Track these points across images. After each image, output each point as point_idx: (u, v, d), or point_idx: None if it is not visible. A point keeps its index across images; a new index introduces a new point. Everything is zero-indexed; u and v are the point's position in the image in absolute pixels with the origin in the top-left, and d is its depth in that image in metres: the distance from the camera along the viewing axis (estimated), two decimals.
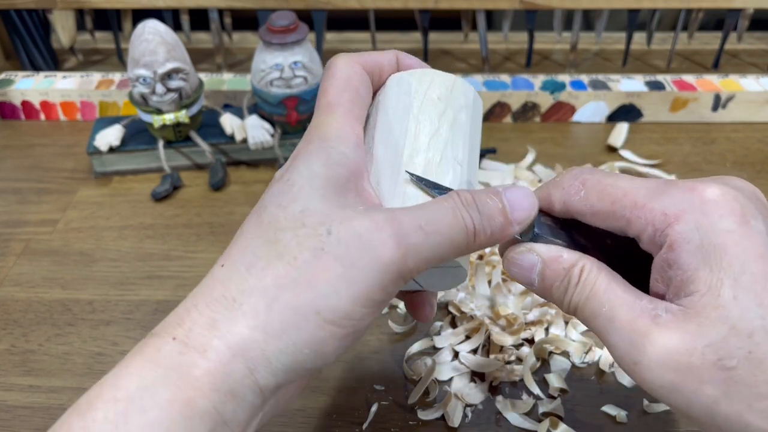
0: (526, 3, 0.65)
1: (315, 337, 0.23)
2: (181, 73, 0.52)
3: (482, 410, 0.37)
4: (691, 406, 0.23)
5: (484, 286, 0.43)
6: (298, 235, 0.24)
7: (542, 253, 0.27)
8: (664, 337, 0.23)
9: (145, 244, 0.50)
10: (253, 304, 0.23)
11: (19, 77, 0.66)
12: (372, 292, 0.23)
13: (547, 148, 0.59)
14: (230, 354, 0.23)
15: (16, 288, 0.46)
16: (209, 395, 0.22)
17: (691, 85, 0.63)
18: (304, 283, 0.23)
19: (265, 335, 0.23)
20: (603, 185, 0.26)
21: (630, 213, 0.25)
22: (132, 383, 0.22)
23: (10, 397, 0.38)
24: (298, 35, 0.52)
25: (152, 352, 0.23)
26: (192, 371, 0.22)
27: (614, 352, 0.25)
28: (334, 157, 0.26)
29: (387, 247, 0.23)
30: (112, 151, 0.55)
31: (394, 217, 0.24)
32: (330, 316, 0.23)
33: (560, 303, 0.27)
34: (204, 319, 0.23)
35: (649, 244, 0.25)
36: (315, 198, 0.25)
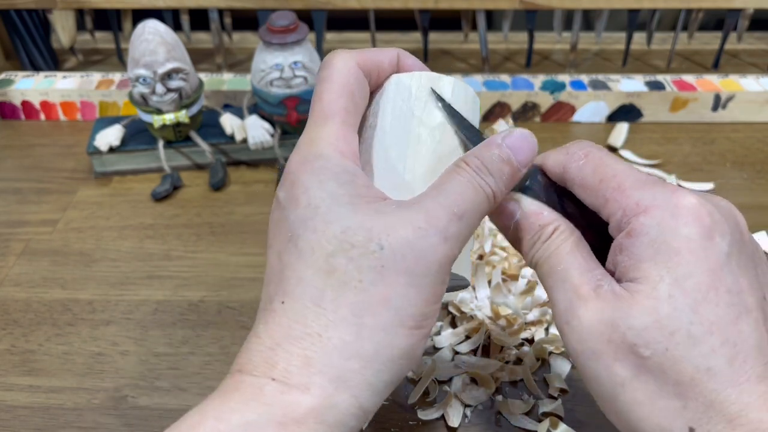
0: (526, 3, 0.65)
1: (406, 346, 0.24)
2: (181, 73, 0.52)
3: (482, 410, 0.37)
4: (601, 380, 0.25)
5: (484, 286, 0.43)
6: (352, 257, 0.24)
7: (526, 205, 0.28)
8: (597, 308, 0.25)
9: (145, 244, 0.50)
10: (340, 335, 0.23)
11: (19, 77, 0.66)
12: (436, 288, 0.25)
13: (547, 148, 0.58)
14: (333, 388, 0.23)
15: (16, 288, 0.46)
16: (314, 428, 0.23)
17: (691, 85, 0.63)
18: (378, 302, 0.24)
19: (362, 361, 0.23)
20: (601, 162, 0.27)
21: (610, 194, 0.26)
22: (234, 417, 0.22)
23: (10, 397, 0.38)
24: (298, 35, 0.52)
25: (253, 390, 0.23)
26: (296, 408, 0.23)
27: (555, 309, 0.26)
28: (342, 175, 0.26)
29: (437, 247, 0.24)
30: (112, 151, 0.55)
31: (430, 213, 0.25)
32: (412, 323, 0.24)
33: (525, 254, 0.28)
34: (297, 359, 0.23)
35: (614, 228, 0.26)
36: (349, 215, 0.24)
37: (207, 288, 0.46)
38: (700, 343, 0.23)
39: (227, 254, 0.49)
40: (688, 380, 0.23)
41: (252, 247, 0.49)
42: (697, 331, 0.23)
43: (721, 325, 0.23)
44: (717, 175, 0.56)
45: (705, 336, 0.23)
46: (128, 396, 0.38)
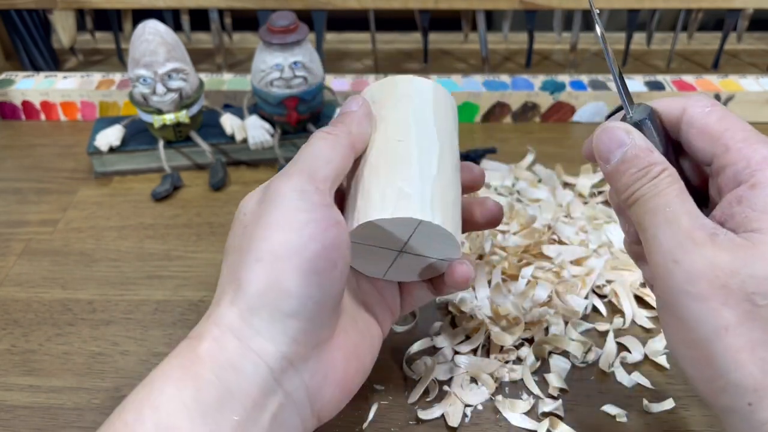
0: (526, 3, 0.65)
1: (267, 279, 0.26)
2: (181, 73, 0.53)
3: (482, 410, 0.37)
4: (702, 322, 0.24)
5: (484, 286, 0.43)
6: (233, 231, 0.30)
7: (637, 139, 0.28)
8: (715, 252, 0.24)
9: (145, 244, 0.50)
10: (225, 289, 0.28)
11: (20, 77, 0.66)
12: (287, 217, 0.27)
13: (547, 148, 0.59)
14: (219, 331, 0.27)
15: (16, 288, 0.46)
16: (211, 368, 0.26)
17: (691, 85, 0.63)
18: (245, 253, 0.27)
19: (236, 304, 0.27)
20: (727, 114, 0.27)
21: (734, 144, 0.26)
22: (154, 374, 0.26)
23: (10, 396, 0.38)
24: (298, 35, 0.52)
25: (172, 355, 0.27)
26: (196, 353, 0.26)
27: (656, 246, 0.26)
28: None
29: (274, 186, 0.28)
30: (113, 151, 0.55)
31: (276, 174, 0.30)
32: (269, 257, 0.26)
33: (625, 188, 0.27)
34: (203, 318, 0.28)
35: (728, 179, 0.26)
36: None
37: (207, 288, 0.46)
38: None
39: None
40: None
41: None
42: None
43: None
44: None
45: None
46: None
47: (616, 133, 0.28)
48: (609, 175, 0.28)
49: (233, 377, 0.26)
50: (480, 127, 0.64)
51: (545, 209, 0.50)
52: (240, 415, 0.25)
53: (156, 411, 0.25)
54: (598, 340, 0.41)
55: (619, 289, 0.44)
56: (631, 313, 0.42)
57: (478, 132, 0.63)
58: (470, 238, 0.47)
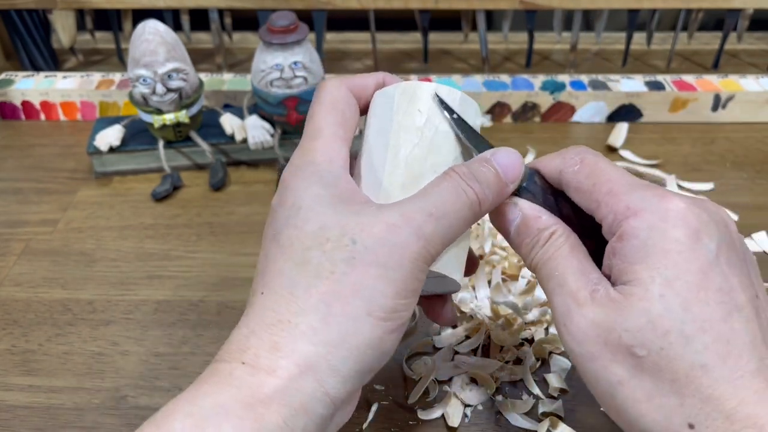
0: (526, 3, 0.65)
1: (373, 336, 0.25)
2: (181, 73, 0.53)
3: (482, 410, 0.37)
4: (599, 380, 0.25)
5: (484, 286, 0.43)
6: (326, 251, 0.25)
7: (524, 209, 0.29)
8: (594, 311, 0.25)
9: (145, 244, 0.50)
10: (309, 322, 0.25)
11: (20, 77, 0.66)
12: (408, 283, 0.26)
13: (547, 148, 0.59)
14: (298, 371, 0.24)
15: (16, 288, 0.46)
16: (279, 410, 0.23)
17: (691, 85, 0.63)
18: (348, 292, 0.25)
19: (328, 347, 0.24)
20: (596, 167, 0.28)
21: (602, 198, 0.27)
22: (206, 401, 0.23)
23: (10, 396, 0.38)
24: (298, 35, 0.52)
25: (224, 375, 0.24)
26: (262, 389, 0.23)
27: (554, 312, 0.27)
28: (327, 178, 0.28)
29: (410, 242, 0.25)
30: (113, 151, 0.55)
31: (405, 212, 0.26)
32: (381, 315, 0.25)
33: (525, 257, 0.29)
34: (266, 344, 0.25)
35: (607, 231, 0.27)
36: (328, 213, 0.26)
37: (207, 288, 0.46)
38: (693, 341, 0.24)
39: (227, 254, 0.49)
40: (684, 377, 0.24)
41: (252, 247, 0.49)
42: (689, 329, 0.24)
43: (713, 323, 0.24)
44: (717, 175, 0.56)
45: (697, 334, 0.24)
46: (128, 396, 0.38)
47: (505, 210, 0.29)
48: (512, 246, 0.30)
49: (302, 422, 0.24)
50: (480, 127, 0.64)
51: None
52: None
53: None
54: None
55: None
56: None
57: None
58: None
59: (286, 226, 0.27)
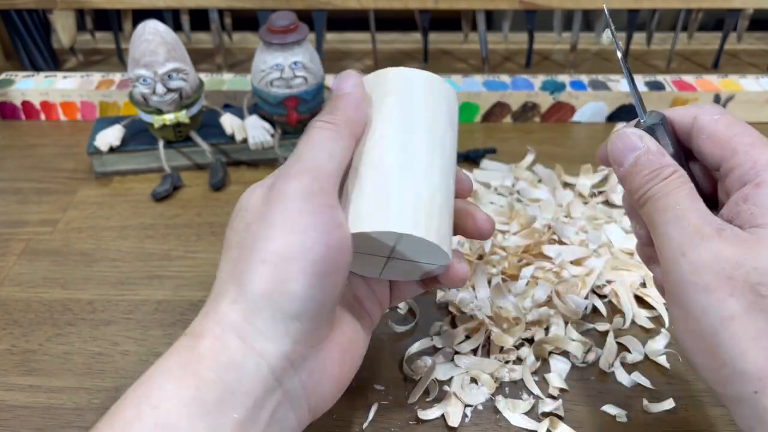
0: (525, 3, 0.65)
1: (272, 280, 0.26)
2: (181, 73, 0.53)
3: (482, 410, 0.37)
4: (708, 312, 0.25)
5: (484, 286, 0.43)
6: (232, 227, 0.30)
7: (649, 144, 0.29)
8: (721, 246, 0.25)
9: (145, 244, 0.50)
10: (226, 287, 0.28)
11: (20, 77, 0.66)
12: (293, 219, 0.27)
13: (547, 148, 0.59)
14: (220, 329, 0.26)
15: (16, 288, 0.46)
16: (211, 366, 0.26)
17: (691, 85, 0.64)
18: (247, 252, 0.27)
19: (239, 303, 0.27)
20: (736, 121, 0.29)
21: (742, 147, 0.27)
22: (153, 371, 0.26)
23: (10, 396, 0.38)
24: (299, 35, 0.52)
25: (173, 347, 0.27)
26: (196, 350, 0.26)
27: (664, 240, 0.27)
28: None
29: (280, 188, 0.28)
30: (113, 151, 0.56)
31: (276, 172, 0.30)
32: (274, 258, 0.26)
33: (637, 189, 0.29)
34: (200, 316, 0.28)
35: (735, 180, 0.27)
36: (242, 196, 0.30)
37: (207, 288, 0.45)
38: None
39: None
40: None
41: None
42: None
43: None
44: None
45: None
46: None
47: (630, 138, 0.29)
48: (623, 177, 0.30)
49: (235, 376, 0.26)
50: (480, 127, 0.64)
51: (545, 209, 0.50)
52: (240, 414, 0.25)
53: (155, 409, 0.25)
54: (598, 340, 0.41)
55: (619, 289, 0.44)
56: (631, 313, 0.42)
57: (478, 132, 0.63)
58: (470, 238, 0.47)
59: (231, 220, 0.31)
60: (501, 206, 0.50)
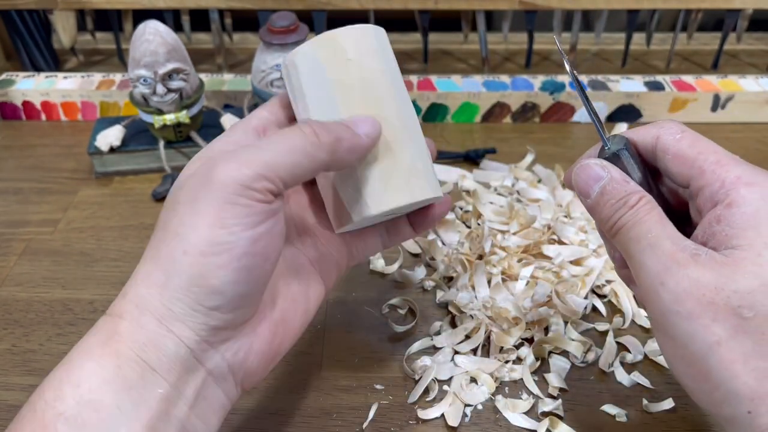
0: (525, 3, 0.65)
1: (193, 274, 0.26)
2: (181, 73, 0.53)
3: (482, 410, 0.37)
4: (694, 339, 0.25)
5: (484, 286, 0.43)
6: (165, 205, 0.28)
7: (612, 172, 0.29)
8: (699, 272, 0.25)
9: (145, 244, 0.49)
10: (146, 269, 0.27)
11: (20, 77, 0.66)
12: (220, 211, 0.26)
13: (547, 148, 0.59)
14: (138, 311, 0.26)
15: (17, 288, 0.46)
16: (131, 345, 0.25)
17: (691, 85, 0.64)
18: (171, 235, 0.26)
19: (157, 288, 0.26)
20: (699, 139, 0.29)
21: (708, 166, 0.27)
22: (74, 351, 0.26)
23: (11, 396, 0.38)
24: (299, 36, 0.52)
25: (94, 326, 0.27)
26: (116, 329, 0.26)
27: (643, 271, 0.27)
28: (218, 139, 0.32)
29: (217, 170, 0.26)
30: (113, 151, 0.56)
31: (226, 150, 0.28)
32: (196, 250, 0.26)
33: (607, 219, 0.28)
34: (120, 295, 0.27)
35: (705, 200, 0.27)
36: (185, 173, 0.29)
37: None
38: None
39: None
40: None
41: None
42: None
43: None
44: None
45: None
46: None
47: (593, 169, 0.29)
48: (591, 208, 0.29)
49: (154, 355, 0.25)
50: (480, 127, 0.64)
51: (545, 209, 0.50)
52: (164, 389, 0.25)
53: (77, 387, 0.24)
54: (598, 340, 0.41)
55: (618, 289, 0.44)
56: (631, 313, 0.42)
57: (478, 132, 0.63)
58: (470, 238, 0.47)
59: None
60: (501, 206, 0.50)
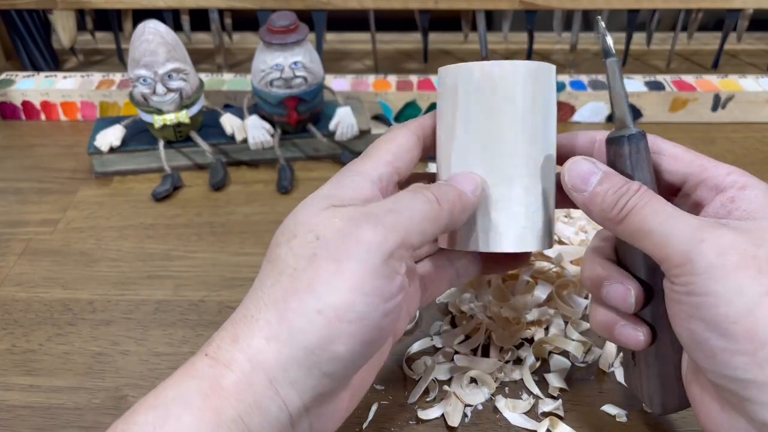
0: (525, 3, 0.65)
1: (322, 336, 0.24)
2: (181, 73, 0.53)
3: (482, 410, 0.37)
4: (741, 291, 0.24)
5: (484, 286, 0.43)
6: (292, 247, 0.26)
7: (604, 168, 0.29)
8: (733, 233, 0.25)
9: (145, 244, 0.50)
10: (267, 317, 0.25)
11: (20, 77, 0.66)
12: (366, 277, 0.25)
13: None
14: (250, 366, 0.24)
15: (16, 288, 0.46)
16: (235, 405, 0.24)
17: (691, 85, 0.64)
18: (304, 288, 0.25)
19: (278, 344, 0.24)
20: (690, 149, 0.30)
21: (709, 164, 0.29)
22: (169, 393, 0.24)
23: (11, 396, 0.38)
24: (299, 35, 0.52)
25: (188, 367, 0.25)
26: (221, 382, 0.24)
27: (674, 237, 0.26)
28: (343, 181, 0.29)
29: (365, 232, 0.25)
30: (113, 151, 0.56)
31: (367, 210, 0.27)
32: (332, 313, 0.24)
33: (611, 207, 0.28)
34: (229, 336, 0.25)
35: (708, 189, 0.29)
36: (311, 212, 0.27)
37: (207, 288, 0.46)
38: None
39: (227, 254, 0.49)
40: None
41: (252, 247, 0.49)
42: None
43: None
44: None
45: None
46: (128, 396, 0.38)
47: (586, 164, 0.29)
48: (587, 201, 0.29)
49: (257, 419, 0.24)
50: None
51: None
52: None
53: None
54: (598, 340, 0.41)
55: None
56: None
57: None
58: None
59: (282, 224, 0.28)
60: None
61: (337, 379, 0.26)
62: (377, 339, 0.26)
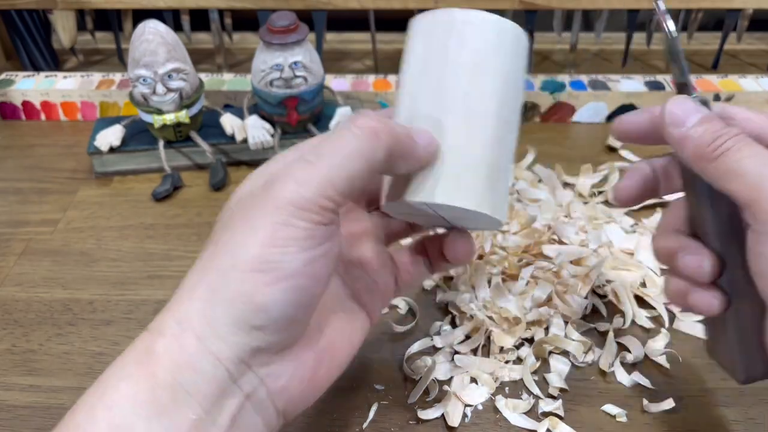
0: (525, 3, 0.65)
1: (240, 290, 0.25)
2: (181, 73, 0.53)
3: (482, 410, 0.37)
4: None
5: (484, 286, 0.43)
6: (219, 219, 0.28)
7: (704, 110, 0.29)
8: None
9: (145, 244, 0.50)
10: (193, 281, 0.26)
11: (20, 77, 0.66)
12: (276, 230, 0.25)
13: (547, 148, 0.59)
14: (180, 328, 0.25)
15: (16, 288, 0.46)
16: (168, 366, 0.25)
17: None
18: (221, 249, 0.26)
19: (201, 302, 0.25)
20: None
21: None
22: (111, 369, 0.26)
23: (11, 396, 0.38)
24: (299, 35, 0.52)
25: (130, 345, 0.26)
26: (154, 348, 0.25)
27: (763, 182, 0.26)
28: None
29: (274, 190, 0.25)
30: (113, 151, 0.56)
31: (286, 166, 0.27)
32: (246, 266, 0.25)
33: (709, 143, 0.28)
34: (166, 309, 0.27)
35: None
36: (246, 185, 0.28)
37: None
38: None
39: None
40: None
41: None
42: None
43: None
44: None
45: None
46: None
47: (690, 102, 0.30)
48: (682, 137, 0.29)
49: (190, 377, 0.25)
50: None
51: (545, 209, 0.50)
52: (197, 414, 0.24)
53: (109, 410, 0.24)
54: (598, 340, 0.41)
55: (619, 289, 0.44)
56: (631, 313, 0.42)
57: None
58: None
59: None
60: None
61: (270, 331, 0.25)
62: (303, 287, 0.26)
